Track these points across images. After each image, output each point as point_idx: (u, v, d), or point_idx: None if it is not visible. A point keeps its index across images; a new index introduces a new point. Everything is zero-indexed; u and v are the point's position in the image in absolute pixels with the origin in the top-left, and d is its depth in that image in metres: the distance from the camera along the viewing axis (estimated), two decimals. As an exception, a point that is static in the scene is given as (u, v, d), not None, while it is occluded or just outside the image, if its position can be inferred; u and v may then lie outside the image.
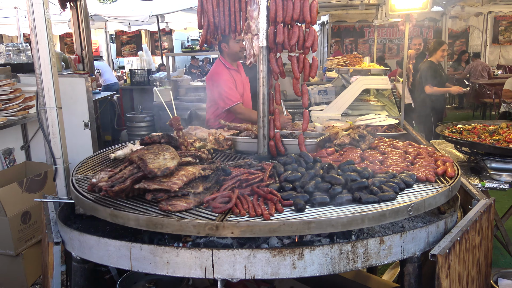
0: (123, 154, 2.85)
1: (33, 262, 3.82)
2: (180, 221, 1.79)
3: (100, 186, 2.01)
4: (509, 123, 3.91)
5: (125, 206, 1.98)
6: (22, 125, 5.03)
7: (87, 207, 2.12)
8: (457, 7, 10.93)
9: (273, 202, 1.92)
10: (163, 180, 1.97)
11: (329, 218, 1.79)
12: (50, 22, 2.49)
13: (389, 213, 1.88)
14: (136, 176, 2.01)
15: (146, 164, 2.00)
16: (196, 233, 1.79)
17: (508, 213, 3.94)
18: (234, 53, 4.11)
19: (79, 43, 7.27)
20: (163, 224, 1.81)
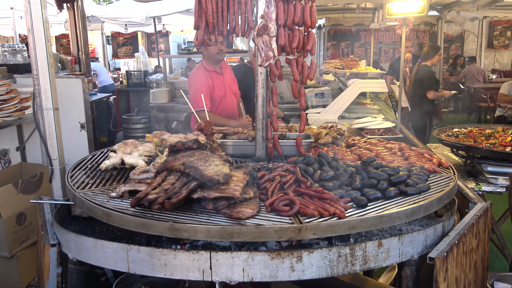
0: (112, 164, 2.60)
1: (27, 264, 3.79)
2: (259, 228, 1.73)
3: (151, 199, 1.82)
4: (505, 127, 3.93)
5: (177, 218, 1.82)
6: (18, 126, 5.00)
7: (137, 224, 1.83)
8: (453, 12, 11.00)
9: (333, 201, 1.93)
10: (222, 188, 1.89)
11: (396, 211, 1.89)
12: (47, 22, 2.48)
13: (435, 202, 2.05)
14: (192, 186, 1.89)
15: (202, 172, 1.89)
16: (278, 238, 1.75)
17: (504, 216, 3.96)
18: (211, 56, 4.11)
19: (75, 44, 7.25)
20: (240, 233, 1.73)
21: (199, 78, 4.08)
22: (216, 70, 4.16)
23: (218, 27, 2.60)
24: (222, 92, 4.16)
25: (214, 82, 4.09)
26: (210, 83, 4.06)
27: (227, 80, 4.27)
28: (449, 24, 14.36)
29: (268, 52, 2.51)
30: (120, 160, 2.58)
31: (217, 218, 1.84)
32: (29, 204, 3.76)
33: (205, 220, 1.81)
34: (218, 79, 4.15)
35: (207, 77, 4.08)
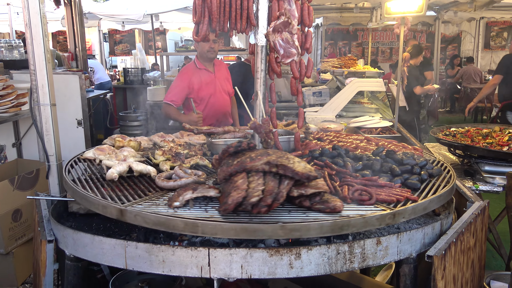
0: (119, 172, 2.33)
1: (23, 260, 3.77)
2: (365, 217, 1.79)
3: (254, 201, 1.75)
4: (502, 127, 3.95)
5: (275, 218, 1.80)
6: (14, 122, 4.97)
7: (238, 230, 1.72)
8: (450, 12, 11.02)
9: (391, 187, 2.11)
10: (311, 184, 1.91)
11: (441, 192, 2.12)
12: (45, 17, 2.46)
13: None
14: (290, 184, 1.88)
15: (294, 169, 1.86)
16: (378, 225, 1.85)
17: (500, 216, 3.97)
18: (203, 52, 4.11)
19: (72, 40, 7.20)
20: (349, 225, 1.77)
21: (183, 73, 4.16)
22: (206, 68, 4.14)
23: (220, 22, 2.59)
24: (211, 90, 4.13)
25: (202, 80, 4.07)
26: (197, 80, 4.04)
27: (219, 78, 4.24)
28: (446, 25, 14.40)
29: (290, 49, 2.51)
30: (128, 168, 2.36)
31: (309, 214, 1.86)
32: (25, 200, 3.74)
33: (302, 217, 1.83)
34: (207, 77, 4.13)
35: (193, 74, 4.08)
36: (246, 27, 2.60)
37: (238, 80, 5.57)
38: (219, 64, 4.34)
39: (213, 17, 2.55)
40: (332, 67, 6.31)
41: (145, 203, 1.96)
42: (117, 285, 2.49)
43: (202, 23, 2.56)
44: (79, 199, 2.11)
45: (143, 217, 1.80)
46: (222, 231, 1.72)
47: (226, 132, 3.05)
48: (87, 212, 2.37)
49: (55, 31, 14.41)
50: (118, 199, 1.99)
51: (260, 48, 2.62)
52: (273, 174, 1.89)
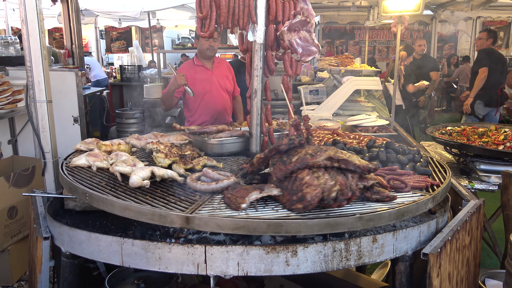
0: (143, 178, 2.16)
1: (19, 258, 3.76)
2: (417, 203, 1.99)
3: (335, 196, 1.82)
4: (497, 126, 3.96)
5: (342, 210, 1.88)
6: (10, 118, 4.94)
7: (322, 226, 1.75)
8: (447, 11, 11.05)
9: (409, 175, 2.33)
10: (368, 176, 2.01)
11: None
12: (41, 14, 2.45)
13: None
14: (356, 178, 1.97)
15: (355, 163, 1.93)
16: (425, 209, 2.07)
17: (496, 214, 3.99)
18: (202, 50, 4.09)
19: (69, 37, 7.18)
20: (408, 210, 1.95)
21: (179, 69, 4.19)
22: (204, 65, 4.13)
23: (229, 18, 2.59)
24: (206, 87, 4.11)
25: (197, 76, 4.06)
26: (192, 76, 4.03)
27: (217, 76, 4.22)
28: (443, 24, 14.44)
29: (310, 48, 2.54)
30: (151, 173, 2.20)
31: (370, 204, 1.98)
32: (21, 197, 3.73)
33: (367, 208, 1.93)
34: (203, 73, 4.11)
35: (188, 69, 4.08)
36: (247, 24, 2.61)
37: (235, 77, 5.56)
38: (219, 61, 4.32)
39: (222, 12, 2.53)
40: (329, 66, 6.31)
41: (205, 208, 1.87)
42: (113, 282, 2.48)
43: (209, 18, 2.52)
44: (119, 210, 1.88)
45: (216, 222, 1.73)
46: (307, 228, 1.74)
47: (220, 131, 2.98)
48: (84, 209, 2.37)
49: (51, 28, 14.35)
50: (172, 206, 1.88)
51: (259, 46, 2.62)
52: (336, 169, 1.92)
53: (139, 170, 2.18)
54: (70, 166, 2.45)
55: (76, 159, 2.50)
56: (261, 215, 1.82)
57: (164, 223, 1.79)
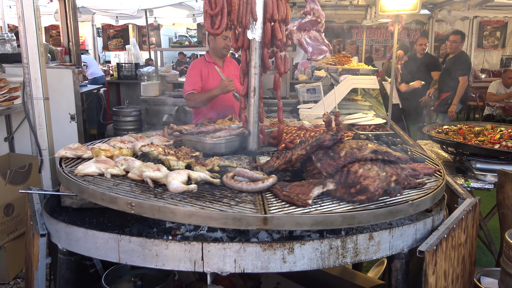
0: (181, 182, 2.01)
1: (15, 255, 3.75)
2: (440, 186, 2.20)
3: (395, 185, 1.93)
4: (494, 125, 3.98)
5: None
6: (6, 116, 4.93)
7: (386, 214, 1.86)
8: (444, 11, 11.07)
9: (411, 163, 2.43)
10: (404, 166, 2.13)
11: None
12: (38, 10, 2.44)
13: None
14: (400, 168, 2.07)
15: (397, 155, 2.03)
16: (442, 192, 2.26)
17: (491, 213, 4.01)
18: (217, 48, 4.12)
19: (66, 35, 7.16)
20: (437, 194, 2.16)
21: (193, 66, 4.16)
22: (216, 62, 4.16)
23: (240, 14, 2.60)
24: (216, 85, 4.14)
25: (209, 73, 4.09)
26: (205, 73, 4.06)
27: (227, 75, 4.24)
28: (440, 23, 14.46)
29: (320, 47, 2.63)
30: (187, 177, 2.07)
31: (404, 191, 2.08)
32: (17, 195, 3.72)
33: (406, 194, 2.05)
34: (215, 71, 4.14)
35: (202, 66, 4.11)
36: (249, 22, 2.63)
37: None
38: (230, 61, 4.35)
39: (232, 9, 2.54)
40: (326, 64, 6.32)
41: (271, 207, 1.84)
42: (109, 279, 2.48)
43: (221, 14, 2.50)
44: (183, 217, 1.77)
45: (296, 220, 1.74)
46: (375, 217, 1.85)
47: (217, 130, 2.93)
48: (80, 207, 2.37)
49: (48, 25, 14.28)
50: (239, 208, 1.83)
51: (258, 44, 2.63)
52: (380, 161, 1.99)
53: (175, 174, 2.02)
54: (79, 175, 2.17)
55: (83, 167, 2.21)
56: (328, 209, 1.85)
57: (239, 226, 1.75)
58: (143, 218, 2.19)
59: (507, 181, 3.01)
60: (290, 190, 1.92)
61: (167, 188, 1.95)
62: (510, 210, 3.04)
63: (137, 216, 2.21)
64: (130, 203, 1.83)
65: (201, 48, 15.15)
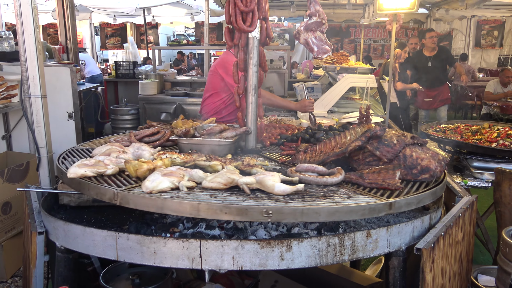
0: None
1: (13, 253, 3.75)
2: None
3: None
4: (491, 124, 3.99)
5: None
6: (4, 114, 4.92)
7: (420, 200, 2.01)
8: (442, 10, 11.10)
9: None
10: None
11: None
12: (36, 8, 2.44)
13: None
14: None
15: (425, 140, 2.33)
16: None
17: (488, 211, 4.03)
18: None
19: (63, 33, 7.15)
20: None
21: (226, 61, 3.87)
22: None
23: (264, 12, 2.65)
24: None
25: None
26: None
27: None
28: (437, 22, 14.48)
29: (324, 46, 2.76)
30: (280, 179, 2.00)
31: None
32: (15, 193, 3.72)
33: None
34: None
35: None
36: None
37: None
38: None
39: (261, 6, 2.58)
40: (324, 63, 6.33)
41: (359, 198, 1.90)
42: (108, 277, 2.48)
43: (254, 13, 2.53)
44: (327, 215, 1.77)
45: (419, 198, 1.99)
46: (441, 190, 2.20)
47: (223, 130, 2.85)
48: (78, 205, 2.37)
49: (45, 23, 14.27)
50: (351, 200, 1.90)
51: (257, 41, 2.63)
52: (416, 145, 2.27)
53: (271, 177, 1.94)
54: (154, 193, 1.86)
55: (156, 184, 1.88)
56: (411, 190, 2.06)
57: (372, 214, 1.85)
58: (141, 215, 2.20)
59: (504, 179, 3.02)
60: (372, 178, 2.08)
61: (267, 192, 1.89)
62: (507, 208, 3.05)
63: (135, 214, 2.23)
64: (266, 211, 1.72)
65: (199, 47, 15.13)
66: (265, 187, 1.90)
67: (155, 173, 1.97)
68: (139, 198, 1.82)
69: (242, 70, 2.70)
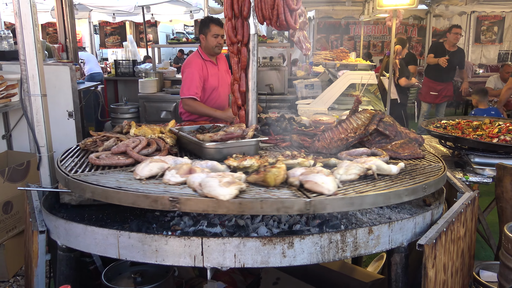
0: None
1: (14, 253, 3.75)
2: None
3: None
4: (492, 119, 3.98)
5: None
6: (4, 113, 4.91)
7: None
8: (442, 6, 11.08)
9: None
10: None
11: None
12: (35, 7, 2.43)
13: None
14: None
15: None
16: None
17: (490, 207, 4.02)
18: (209, 47, 4.08)
19: (63, 32, 7.13)
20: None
21: (194, 66, 4.04)
22: (212, 60, 4.14)
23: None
24: (215, 83, 4.12)
25: (209, 72, 4.06)
26: (205, 72, 4.04)
27: (222, 71, 4.23)
28: (437, 19, 14.46)
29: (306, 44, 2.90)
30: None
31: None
32: (16, 192, 3.71)
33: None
34: (212, 69, 4.12)
35: (202, 65, 4.05)
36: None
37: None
38: (221, 56, 4.32)
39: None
40: (324, 60, 6.32)
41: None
42: (109, 276, 2.49)
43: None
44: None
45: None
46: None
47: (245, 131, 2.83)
48: (79, 203, 2.37)
49: (44, 22, 14.24)
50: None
51: (256, 38, 2.63)
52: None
53: (380, 162, 2.19)
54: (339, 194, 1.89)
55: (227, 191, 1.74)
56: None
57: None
58: (142, 213, 2.20)
59: (505, 174, 3.02)
60: (401, 151, 2.55)
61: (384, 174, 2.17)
62: (509, 204, 3.04)
63: (136, 212, 2.23)
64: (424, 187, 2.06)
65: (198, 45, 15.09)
66: (382, 170, 2.16)
67: (323, 175, 1.89)
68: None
69: (244, 67, 2.68)
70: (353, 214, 2.17)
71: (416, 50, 15.44)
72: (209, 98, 4.11)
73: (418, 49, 15.52)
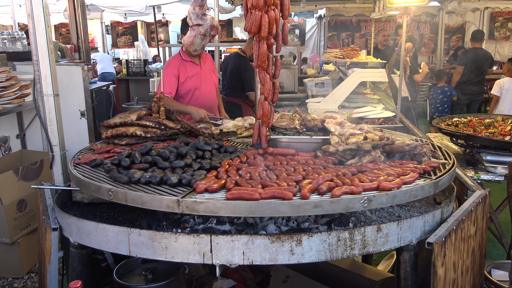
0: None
1: (28, 250, 3.82)
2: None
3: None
4: (504, 117, 3.94)
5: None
6: (18, 113, 5.00)
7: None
8: (454, 2, 10.93)
9: None
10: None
11: None
12: (47, 8, 2.47)
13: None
14: None
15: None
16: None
17: (502, 205, 3.98)
18: (186, 47, 4.03)
19: (75, 32, 7.22)
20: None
21: (171, 66, 4.03)
22: (193, 60, 4.08)
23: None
24: (197, 83, 4.06)
25: (188, 73, 4.01)
26: (183, 72, 3.99)
27: (205, 71, 4.18)
28: (450, 15, 14.29)
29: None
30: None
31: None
32: (30, 191, 3.78)
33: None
34: (193, 69, 4.05)
35: (179, 66, 4.01)
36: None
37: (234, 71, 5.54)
38: (205, 56, 4.28)
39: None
40: (335, 58, 6.29)
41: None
42: (121, 273, 2.52)
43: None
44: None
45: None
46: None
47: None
48: (91, 201, 2.40)
49: (57, 23, 14.42)
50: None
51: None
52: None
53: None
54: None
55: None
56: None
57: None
58: (153, 211, 2.23)
59: (517, 173, 2.98)
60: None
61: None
62: (521, 202, 3.02)
63: (146, 210, 2.25)
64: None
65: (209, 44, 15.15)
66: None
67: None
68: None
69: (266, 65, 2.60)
70: (362, 212, 2.17)
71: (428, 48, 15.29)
72: (192, 98, 4.05)
73: (430, 47, 15.36)
